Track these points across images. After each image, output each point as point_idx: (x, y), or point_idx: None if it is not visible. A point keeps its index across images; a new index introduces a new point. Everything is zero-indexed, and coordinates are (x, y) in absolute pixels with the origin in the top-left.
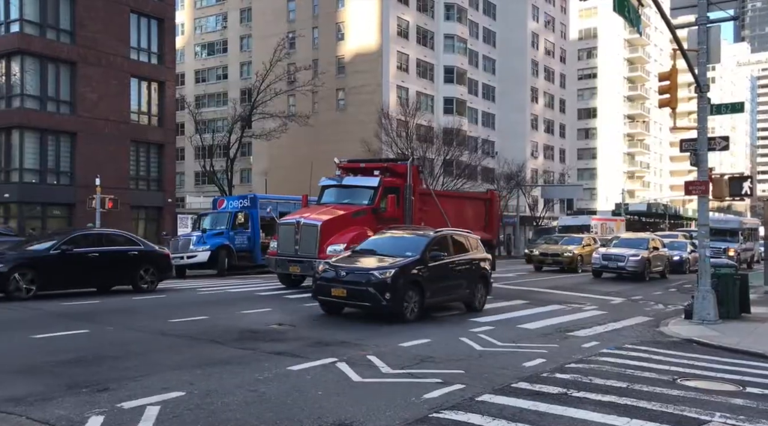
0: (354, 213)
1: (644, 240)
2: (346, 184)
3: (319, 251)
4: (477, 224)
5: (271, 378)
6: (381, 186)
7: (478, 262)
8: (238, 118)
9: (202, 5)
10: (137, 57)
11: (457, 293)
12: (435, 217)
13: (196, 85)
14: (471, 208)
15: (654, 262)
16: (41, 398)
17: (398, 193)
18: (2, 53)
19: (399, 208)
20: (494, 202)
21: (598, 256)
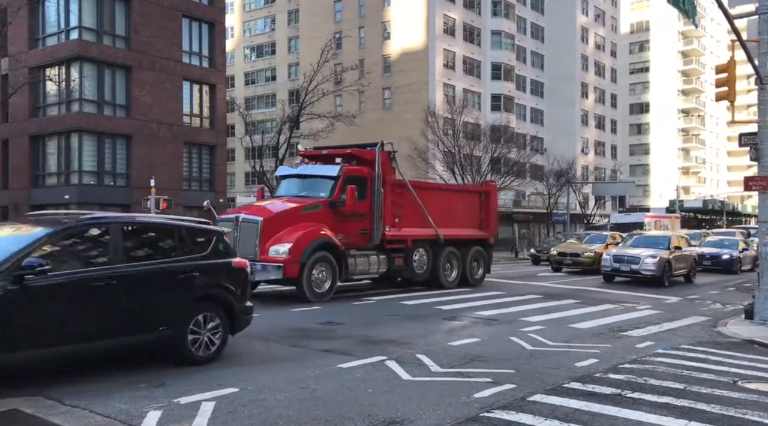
0: (305, 207)
1: (664, 238)
2: (303, 173)
3: (260, 252)
4: (470, 221)
5: (321, 375)
6: (342, 175)
7: (208, 273)
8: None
9: (250, 8)
10: (189, 61)
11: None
12: (412, 213)
13: (245, 87)
14: (462, 202)
15: (676, 263)
16: (102, 392)
17: (365, 184)
18: (62, 59)
19: (365, 201)
20: (491, 196)
21: (608, 257)
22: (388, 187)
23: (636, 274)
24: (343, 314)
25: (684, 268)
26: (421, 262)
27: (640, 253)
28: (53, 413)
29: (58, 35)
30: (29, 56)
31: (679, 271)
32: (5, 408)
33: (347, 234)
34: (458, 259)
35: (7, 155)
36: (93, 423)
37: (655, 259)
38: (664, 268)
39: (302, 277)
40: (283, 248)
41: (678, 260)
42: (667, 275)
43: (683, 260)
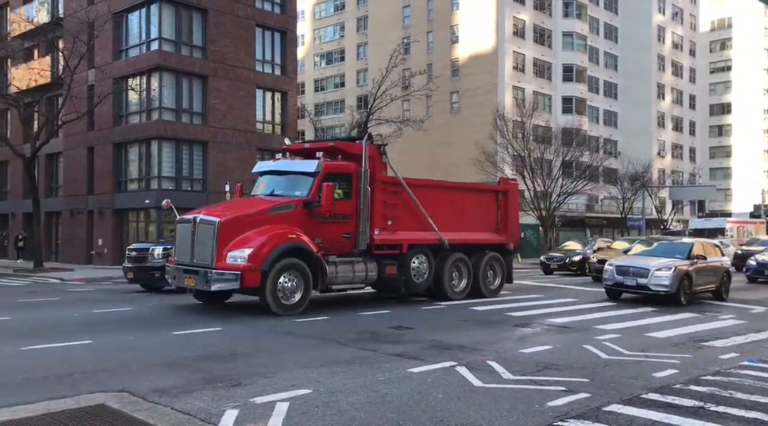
0: (273, 208)
1: (684, 246)
2: (279, 169)
3: (216, 258)
4: (485, 224)
5: (392, 379)
6: (321, 171)
7: None
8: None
9: (321, 16)
10: (262, 69)
11: None
12: (409, 214)
13: (315, 94)
14: (474, 203)
15: (699, 277)
16: (183, 390)
17: (349, 181)
18: (144, 70)
19: (351, 201)
20: (511, 195)
21: (611, 269)
22: (377, 184)
23: (644, 289)
24: (413, 319)
25: (711, 282)
26: (420, 269)
27: (649, 264)
28: (137, 409)
29: (140, 47)
30: (113, 67)
31: (704, 287)
32: (93, 403)
33: (327, 238)
34: (468, 267)
35: (93, 162)
36: (174, 419)
37: (669, 272)
38: (680, 282)
39: (265, 287)
40: (242, 254)
41: (701, 273)
42: (684, 291)
43: (709, 273)
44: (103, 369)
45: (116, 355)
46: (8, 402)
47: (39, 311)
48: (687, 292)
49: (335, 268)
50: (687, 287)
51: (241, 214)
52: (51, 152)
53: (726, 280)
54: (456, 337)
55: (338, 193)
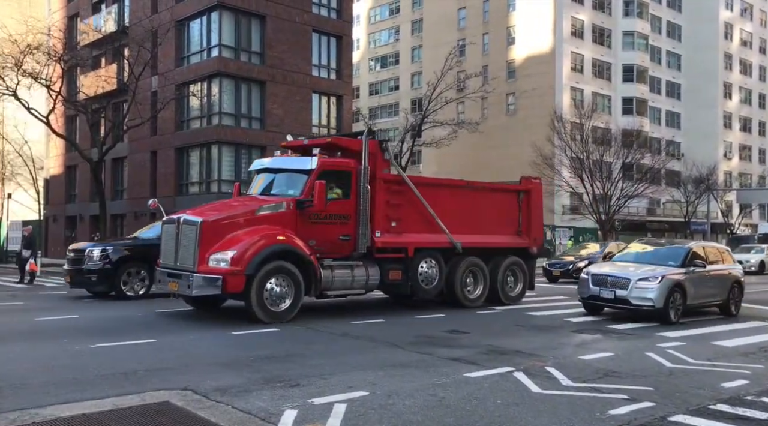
0: (262, 207)
1: (679, 250)
2: (274, 167)
3: (198, 262)
4: (504, 226)
5: (449, 383)
6: (317, 169)
7: None
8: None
9: (376, 20)
10: (318, 73)
11: None
12: (416, 215)
13: (369, 97)
14: (492, 204)
15: (696, 289)
16: (243, 390)
17: (348, 180)
18: (204, 76)
19: (349, 201)
20: (533, 195)
21: (586, 278)
22: (379, 183)
23: (623, 304)
24: (468, 323)
25: (715, 295)
26: (429, 275)
27: (630, 273)
28: (200, 407)
29: (201, 53)
30: (175, 74)
31: (705, 300)
32: (158, 400)
33: (322, 240)
34: (484, 273)
35: (156, 165)
36: (235, 418)
37: (654, 283)
38: (669, 295)
39: (250, 293)
40: (225, 257)
41: (700, 283)
42: (675, 307)
43: (712, 283)
44: (166, 367)
45: (179, 354)
46: (79, 397)
47: (106, 310)
48: (679, 307)
49: (331, 272)
50: (679, 301)
51: (227, 214)
52: (116, 156)
53: (737, 293)
54: (512, 342)
55: (337, 193)
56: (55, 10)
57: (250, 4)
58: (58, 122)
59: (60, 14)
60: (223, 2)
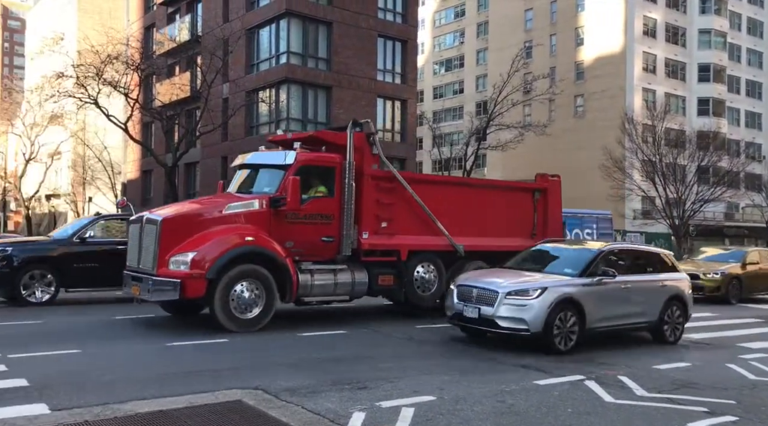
0: (231, 206)
1: (583, 253)
2: (251, 162)
3: (158, 264)
4: (516, 228)
5: (517, 390)
6: (294, 164)
7: None
8: (475, 130)
9: (440, 24)
10: (383, 78)
11: None
12: (411, 215)
13: (433, 101)
14: (502, 204)
15: (602, 306)
16: (312, 391)
17: (331, 176)
18: (273, 83)
19: (332, 199)
20: (551, 195)
21: (454, 289)
22: (367, 180)
23: (490, 326)
24: None
25: (637, 314)
26: (425, 281)
27: (498, 283)
28: (271, 407)
29: (270, 60)
30: (245, 81)
31: (618, 323)
32: (231, 399)
33: (301, 242)
34: None
35: (226, 170)
36: (305, 418)
37: (530, 298)
38: (553, 315)
39: (213, 298)
40: (185, 259)
41: (611, 299)
42: (563, 332)
43: (635, 299)
44: (237, 366)
45: (249, 354)
46: (155, 394)
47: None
48: (571, 332)
49: (310, 276)
50: (571, 323)
51: (191, 212)
52: (189, 161)
53: (675, 313)
54: (582, 349)
55: (320, 190)
56: (133, 21)
57: (317, 11)
58: (135, 129)
59: (137, 25)
60: (291, 10)
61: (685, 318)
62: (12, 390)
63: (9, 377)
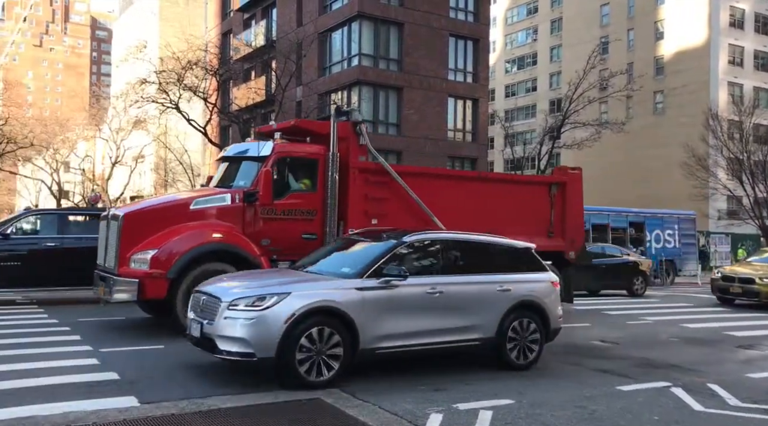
0: (198, 200)
1: (370, 249)
2: (228, 154)
3: (119, 262)
4: (531, 225)
5: (599, 396)
6: (272, 155)
7: None
8: (549, 129)
9: (512, 21)
10: (454, 77)
11: None
12: (406, 212)
13: (505, 100)
14: (514, 198)
15: (393, 320)
16: (388, 391)
17: (314, 168)
18: (345, 85)
19: (315, 194)
20: (570, 189)
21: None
22: (353, 173)
23: (212, 349)
24: (618, 333)
25: (464, 328)
26: None
27: (225, 290)
28: (348, 405)
29: (342, 63)
30: (318, 83)
31: (422, 342)
32: (309, 396)
33: (279, 239)
34: None
35: None
36: (383, 418)
37: (260, 310)
38: (294, 333)
39: (175, 300)
40: (145, 257)
41: (404, 310)
42: (314, 358)
43: (456, 306)
44: None
45: None
46: (237, 390)
47: None
48: (330, 357)
49: None
50: (330, 344)
51: (156, 207)
52: None
53: (528, 326)
54: (667, 355)
55: (303, 184)
56: (211, 28)
57: (389, 13)
58: (214, 132)
59: (215, 31)
60: (363, 12)
61: (544, 333)
62: (105, 383)
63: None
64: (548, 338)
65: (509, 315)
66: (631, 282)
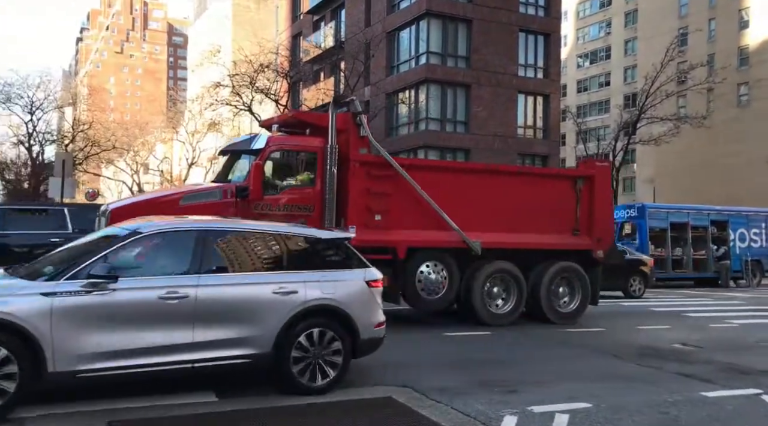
0: (186, 196)
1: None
2: (227, 149)
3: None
4: (555, 222)
5: (682, 402)
6: (266, 149)
7: None
8: (624, 124)
9: (585, 15)
10: (524, 73)
11: None
12: (412, 208)
13: (577, 95)
14: (535, 193)
15: (119, 334)
16: (461, 391)
17: (312, 162)
18: (412, 84)
19: (313, 188)
20: (597, 183)
21: None
22: (354, 166)
23: None
24: (700, 336)
25: (221, 343)
26: (431, 281)
27: None
28: (420, 405)
29: (409, 62)
30: (386, 83)
31: (150, 363)
32: (381, 395)
33: None
34: (518, 282)
35: None
36: (455, 419)
37: None
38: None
39: None
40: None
41: (134, 319)
42: None
43: (203, 316)
44: (384, 364)
45: (394, 351)
46: None
47: None
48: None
49: None
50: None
51: (144, 203)
52: None
53: (322, 338)
54: (756, 360)
55: (301, 178)
56: (282, 31)
57: (457, 10)
58: None
59: (286, 34)
60: (432, 10)
61: (350, 347)
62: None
63: None
64: (358, 352)
65: (295, 324)
66: (626, 282)
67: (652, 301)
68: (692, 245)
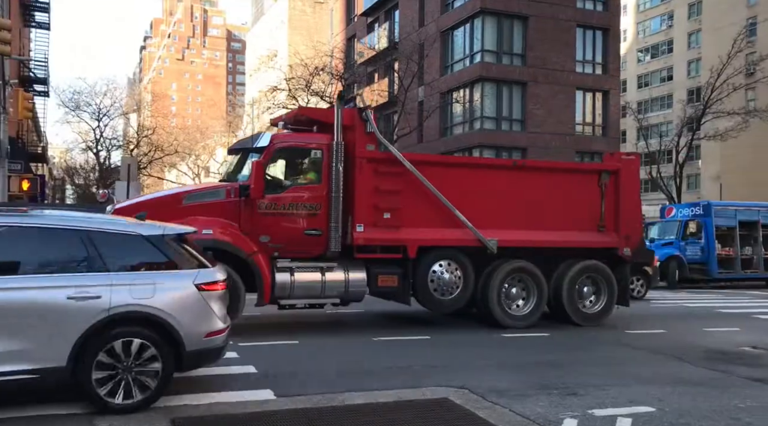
0: (189, 196)
1: None
2: (234, 148)
3: None
4: (578, 219)
5: (754, 408)
6: (270, 147)
7: None
8: (687, 120)
9: (645, 8)
10: (582, 69)
11: None
12: (423, 206)
13: (638, 91)
14: (556, 189)
15: None
16: (519, 393)
17: (318, 160)
18: (467, 82)
19: (319, 186)
20: (623, 177)
21: None
22: (361, 163)
23: None
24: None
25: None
26: (445, 281)
27: None
28: (478, 407)
29: (464, 61)
30: (440, 82)
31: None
32: (438, 396)
33: (279, 236)
34: (539, 281)
35: None
36: (514, 422)
37: None
38: None
39: None
40: None
41: None
42: None
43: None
44: (440, 364)
45: (450, 351)
46: (365, 386)
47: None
48: None
49: (289, 276)
50: None
51: (147, 203)
52: None
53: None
54: None
55: (307, 177)
56: (336, 34)
57: (513, 7)
58: None
59: (340, 37)
60: (486, 8)
61: (171, 359)
62: (243, 376)
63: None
64: (183, 366)
65: (98, 334)
66: None
67: (718, 302)
68: (763, 244)
